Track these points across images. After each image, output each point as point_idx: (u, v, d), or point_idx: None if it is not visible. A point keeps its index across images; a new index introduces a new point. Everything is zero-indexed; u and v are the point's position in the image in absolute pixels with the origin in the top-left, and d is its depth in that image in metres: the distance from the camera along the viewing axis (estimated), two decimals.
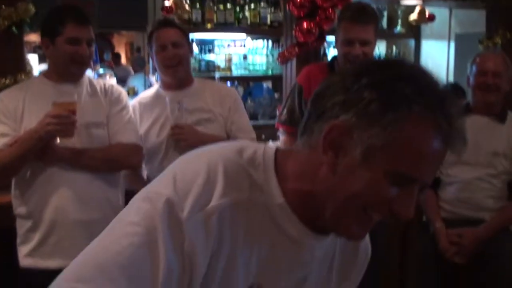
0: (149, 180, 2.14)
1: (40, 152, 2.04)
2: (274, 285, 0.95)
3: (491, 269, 2.55)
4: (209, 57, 4.98)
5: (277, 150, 0.95)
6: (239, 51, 5.11)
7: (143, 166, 2.47)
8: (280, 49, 4.66)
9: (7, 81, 2.85)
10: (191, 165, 0.91)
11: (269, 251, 0.92)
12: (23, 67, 2.95)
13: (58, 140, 2.05)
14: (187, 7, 4.58)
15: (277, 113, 4.01)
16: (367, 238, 1.07)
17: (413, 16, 5.22)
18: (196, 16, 4.62)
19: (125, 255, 0.82)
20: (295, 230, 0.92)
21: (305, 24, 3.84)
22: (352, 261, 1.07)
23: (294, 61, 4.11)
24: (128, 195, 2.15)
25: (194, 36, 4.76)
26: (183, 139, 2.35)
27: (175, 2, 4.44)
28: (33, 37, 5.09)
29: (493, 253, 2.58)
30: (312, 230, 0.94)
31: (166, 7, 4.40)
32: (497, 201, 2.69)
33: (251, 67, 5.10)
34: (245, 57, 5.08)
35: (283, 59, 4.25)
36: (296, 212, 0.92)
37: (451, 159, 2.75)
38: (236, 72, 5.06)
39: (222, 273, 0.88)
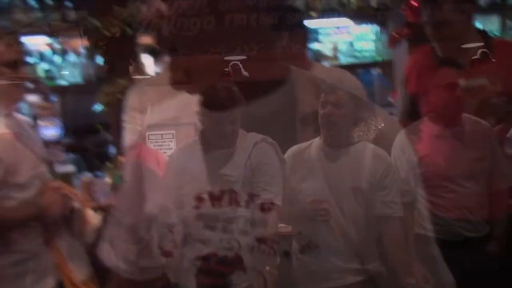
0: None
1: None
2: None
3: None
4: (315, 46, 4.87)
5: None
6: (344, 37, 4.95)
7: None
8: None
9: (123, 82, 2.92)
10: None
11: None
12: (138, 68, 3.01)
13: None
14: None
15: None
16: None
17: None
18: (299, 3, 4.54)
19: None
20: None
21: (414, 2, 3.65)
22: None
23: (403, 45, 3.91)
24: None
25: None
26: None
27: None
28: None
29: None
30: None
31: None
32: None
33: (358, 54, 4.94)
34: (351, 44, 4.93)
35: (392, 41, 4.07)
36: None
37: None
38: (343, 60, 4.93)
39: None
